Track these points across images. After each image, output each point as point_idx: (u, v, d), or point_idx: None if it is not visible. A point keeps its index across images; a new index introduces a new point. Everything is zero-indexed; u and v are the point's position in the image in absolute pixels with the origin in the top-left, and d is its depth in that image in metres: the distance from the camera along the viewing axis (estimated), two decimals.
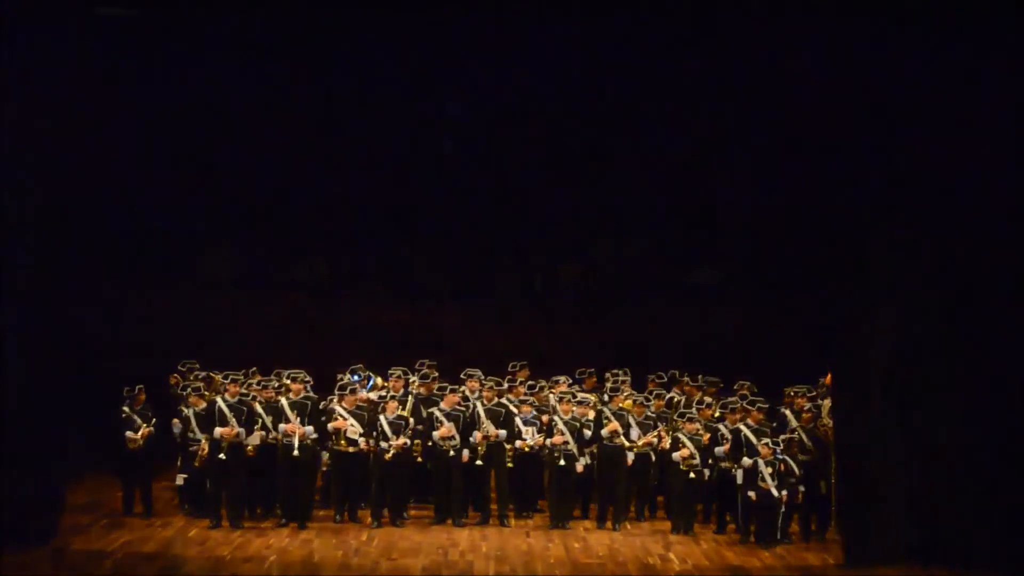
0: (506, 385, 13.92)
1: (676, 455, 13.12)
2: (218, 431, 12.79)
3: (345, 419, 13.12)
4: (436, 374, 14.07)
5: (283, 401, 13.16)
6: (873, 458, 11.42)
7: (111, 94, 11.41)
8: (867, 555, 11.37)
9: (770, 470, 12.43)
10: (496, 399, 13.52)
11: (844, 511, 11.79)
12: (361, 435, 13.08)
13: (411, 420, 13.39)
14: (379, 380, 14.38)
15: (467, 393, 13.72)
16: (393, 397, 13.30)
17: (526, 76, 13.64)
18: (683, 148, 14.87)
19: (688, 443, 13.07)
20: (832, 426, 12.54)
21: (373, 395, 13.83)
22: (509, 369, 14.50)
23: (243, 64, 12.46)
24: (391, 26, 12.65)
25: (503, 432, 13.29)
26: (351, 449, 13.11)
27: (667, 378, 14.67)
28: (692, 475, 12.99)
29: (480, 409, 13.41)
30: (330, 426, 13.13)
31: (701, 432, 13.32)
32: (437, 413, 13.27)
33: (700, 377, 14.62)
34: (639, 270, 17.34)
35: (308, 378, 13.75)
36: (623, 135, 14.93)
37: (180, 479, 13.67)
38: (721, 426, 13.27)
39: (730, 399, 13.54)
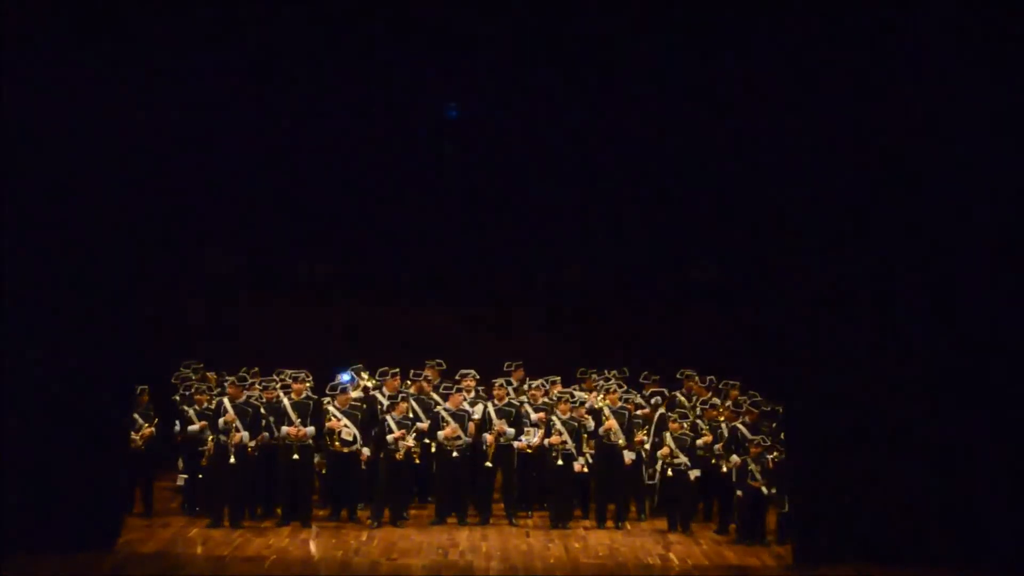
0: (523, 385, 14.01)
1: (658, 453, 13.23)
2: (232, 431, 12.85)
3: (339, 419, 13.16)
4: (428, 374, 14.10)
5: (285, 402, 13.19)
6: (823, 458, 11.43)
7: (110, 91, 11.43)
8: (815, 555, 11.38)
9: (758, 468, 12.45)
10: (507, 399, 13.58)
11: (793, 510, 11.77)
12: (355, 436, 13.13)
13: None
14: (364, 375, 14.36)
15: (466, 395, 13.75)
16: (404, 398, 13.29)
17: (523, 76, 13.63)
18: (683, 148, 14.85)
19: (671, 442, 13.15)
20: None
21: (358, 393, 13.83)
22: (505, 368, 14.54)
23: (241, 63, 12.44)
24: (390, 27, 12.64)
25: (511, 430, 13.33)
26: (345, 450, 13.15)
27: (669, 377, 14.72)
28: (670, 472, 13.05)
29: (491, 409, 13.44)
30: (326, 426, 13.17)
31: (705, 431, 13.38)
32: (443, 413, 13.29)
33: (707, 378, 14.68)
34: (639, 270, 17.33)
35: (309, 378, 13.78)
36: (624, 135, 14.90)
37: (180, 479, 13.70)
38: (723, 425, 13.31)
39: (741, 398, 13.58)
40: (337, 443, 13.15)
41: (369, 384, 14.16)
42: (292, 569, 11.25)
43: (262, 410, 13.16)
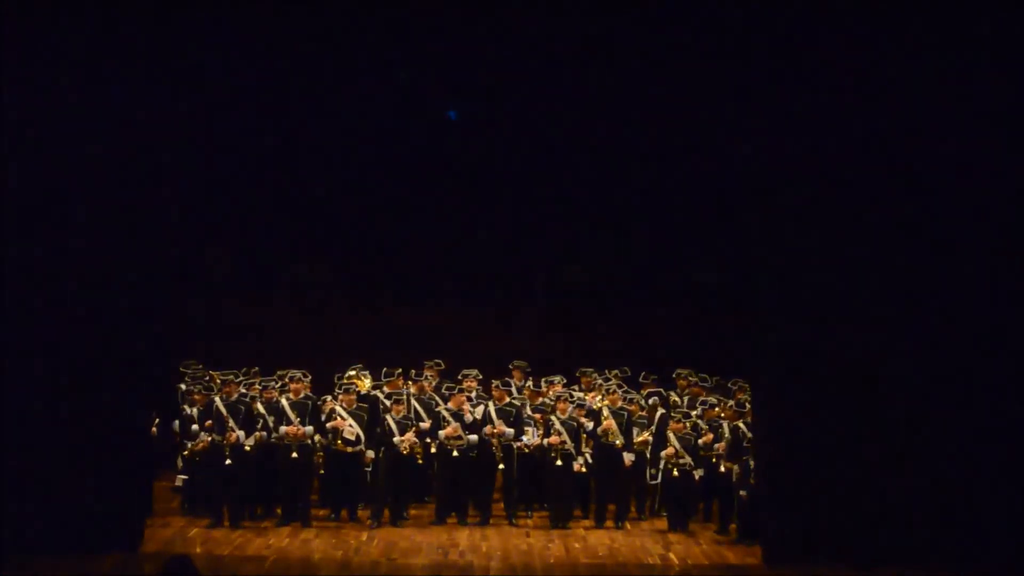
0: (523, 383, 14.04)
1: (663, 453, 13.24)
2: (228, 430, 12.85)
3: (344, 419, 13.17)
4: (428, 374, 14.10)
5: (283, 401, 13.20)
6: (791, 456, 11.35)
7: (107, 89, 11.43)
8: (785, 554, 11.31)
9: None
10: (507, 399, 13.59)
11: (764, 509, 11.68)
12: (358, 436, 13.15)
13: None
14: (362, 375, 14.37)
15: (469, 395, 13.76)
16: (398, 400, 13.30)
17: (524, 76, 13.64)
18: (685, 147, 14.86)
19: (675, 442, 13.15)
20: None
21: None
22: (511, 368, 14.58)
23: (243, 61, 12.42)
24: (391, 26, 12.65)
25: (510, 431, 13.34)
26: (348, 449, 13.16)
27: (667, 377, 14.72)
28: (676, 473, 13.05)
29: (491, 409, 13.45)
30: (328, 425, 13.18)
31: (705, 430, 13.39)
32: (444, 412, 13.31)
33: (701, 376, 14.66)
34: (640, 270, 17.33)
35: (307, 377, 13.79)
36: (625, 134, 14.91)
37: (180, 480, 13.71)
38: (724, 425, 13.32)
39: (743, 397, 13.58)
40: (339, 442, 13.16)
41: (364, 385, 14.16)
42: (292, 569, 11.25)
43: (261, 408, 13.17)
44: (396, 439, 12.94)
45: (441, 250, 16.94)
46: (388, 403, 13.35)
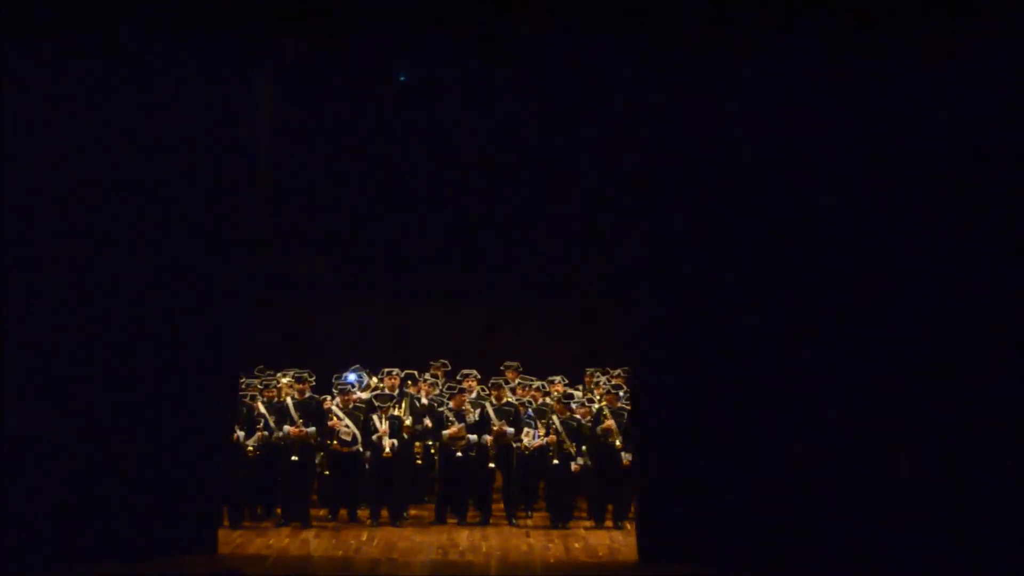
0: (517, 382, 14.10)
1: None
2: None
3: (340, 419, 13.19)
4: (428, 375, 14.12)
5: (288, 401, 13.23)
6: (675, 455, 11.12)
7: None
8: (662, 551, 11.14)
9: None
10: (506, 399, 13.63)
11: (641, 503, 11.51)
12: (355, 436, 13.16)
13: (408, 420, 13.40)
14: (373, 380, 14.42)
15: (472, 395, 13.80)
16: (390, 397, 13.32)
17: (521, 80, 13.68)
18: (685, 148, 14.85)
19: None
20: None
21: (365, 395, 13.86)
22: (501, 368, 14.61)
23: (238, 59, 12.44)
24: (391, 26, 12.67)
25: (511, 430, 13.37)
26: (344, 449, 13.17)
27: None
28: None
29: (490, 409, 13.47)
30: (328, 425, 13.21)
31: None
32: (446, 412, 13.32)
33: None
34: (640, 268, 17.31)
35: (312, 377, 13.82)
36: (625, 134, 14.90)
37: None
38: None
39: None
40: (335, 443, 13.18)
41: (380, 386, 14.19)
42: (292, 569, 11.26)
43: (262, 408, 13.19)
44: (375, 437, 12.98)
45: (442, 249, 16.95)
46: (376, 403, 13.36)
